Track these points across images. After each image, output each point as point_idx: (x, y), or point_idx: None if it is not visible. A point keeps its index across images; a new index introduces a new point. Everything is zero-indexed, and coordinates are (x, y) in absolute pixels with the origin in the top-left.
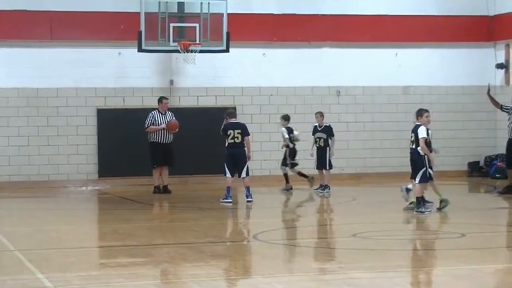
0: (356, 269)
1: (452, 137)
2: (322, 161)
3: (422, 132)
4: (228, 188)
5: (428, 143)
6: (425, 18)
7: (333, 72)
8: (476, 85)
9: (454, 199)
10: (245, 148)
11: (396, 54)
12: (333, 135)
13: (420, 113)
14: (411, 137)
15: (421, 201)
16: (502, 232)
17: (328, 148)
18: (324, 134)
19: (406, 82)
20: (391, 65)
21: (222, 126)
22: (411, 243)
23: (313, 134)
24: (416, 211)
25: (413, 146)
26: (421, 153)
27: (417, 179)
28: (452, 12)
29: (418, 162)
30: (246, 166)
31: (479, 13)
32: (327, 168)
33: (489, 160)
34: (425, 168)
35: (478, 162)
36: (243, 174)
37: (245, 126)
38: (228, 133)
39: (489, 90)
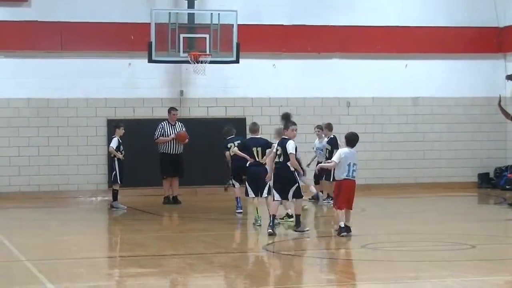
0: (365, 280)
1: (462, 148)
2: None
3: (291, 147)
4: (237, 198)
5: (297, 158)
6: (435, 30)
7: (343, 83)
8: (486, 97)
9: (463, 210)
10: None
11: (406, 65)
12: (336, 147)
13: (286, 126)
14: (277, 150)
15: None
16: None
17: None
18: (329, 145)
19: (415, 93)
20: (401, 76)
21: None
22: (420, 255)
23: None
24: (296, 230)
25: (281, 160)
26: (291, 168)
27: (291, 196)
28: (462, 23)
29: (290, 178)
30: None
31: (489, 24)
32: (330, 179)
33: (499, 171)
34: (298, 184)
35: (488, 173)
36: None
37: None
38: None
39: (500, 101)
